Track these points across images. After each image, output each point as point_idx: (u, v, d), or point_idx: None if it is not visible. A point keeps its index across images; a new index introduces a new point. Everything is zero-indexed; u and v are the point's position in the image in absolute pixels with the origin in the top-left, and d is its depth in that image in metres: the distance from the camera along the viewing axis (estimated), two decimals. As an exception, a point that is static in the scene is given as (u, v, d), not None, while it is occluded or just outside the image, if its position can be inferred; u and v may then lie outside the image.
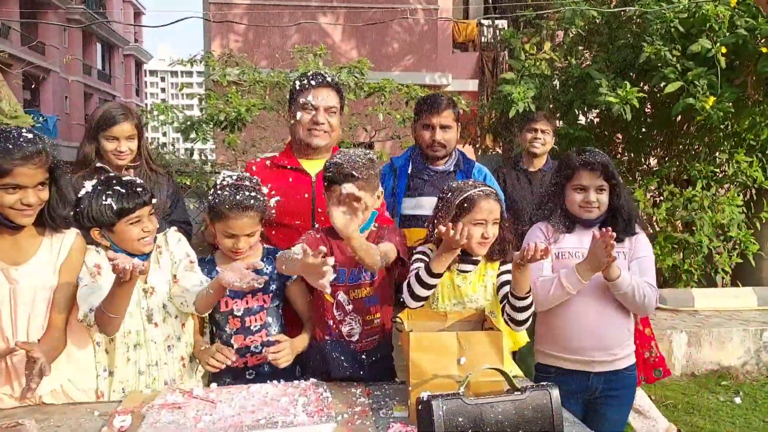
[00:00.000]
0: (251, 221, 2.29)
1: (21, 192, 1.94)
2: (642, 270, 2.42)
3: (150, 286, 2.22)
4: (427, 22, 11.49)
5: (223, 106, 5.84)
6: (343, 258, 2.25)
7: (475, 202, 2.19)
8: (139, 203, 2.13)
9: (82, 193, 2.12)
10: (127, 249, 2.15)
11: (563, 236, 2.44)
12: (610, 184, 2.40)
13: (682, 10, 5.50)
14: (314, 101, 2.58)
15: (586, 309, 2.38)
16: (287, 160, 2.68)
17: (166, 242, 2.30)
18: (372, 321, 2.30)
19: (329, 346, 2.27)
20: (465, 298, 2.26)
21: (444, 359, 1.83)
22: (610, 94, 5.40)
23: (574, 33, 6.44)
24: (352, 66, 6.05)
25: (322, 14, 11.08)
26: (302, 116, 2.61)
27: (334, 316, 2.29)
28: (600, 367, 2.42)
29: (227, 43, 10.54)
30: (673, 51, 5.40)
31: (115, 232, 2.13)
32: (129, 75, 36.69)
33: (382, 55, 11.36)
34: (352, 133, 6.61)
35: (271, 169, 2.66)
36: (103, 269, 2.15)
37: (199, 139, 6.16)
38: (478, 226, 2.20)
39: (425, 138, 2.99)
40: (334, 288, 2.25)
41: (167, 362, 2.24)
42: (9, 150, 1.89)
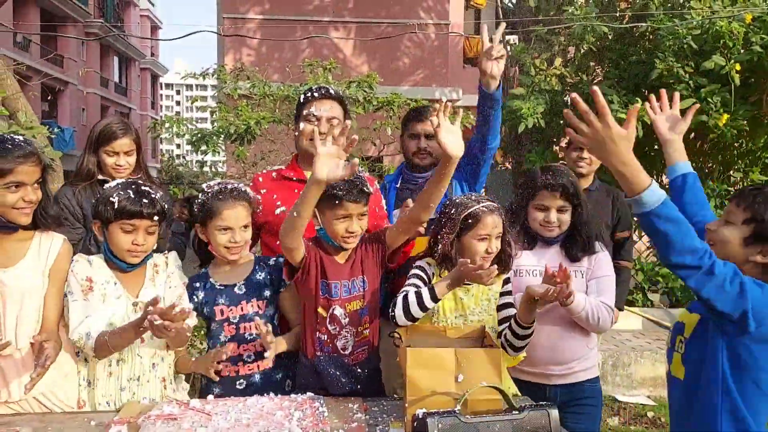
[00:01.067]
0: (244, 210, 2.31)
1: (22, 190, 2.03)
2: (600, 290, 2.42)
3: (140, 301, 2.20)
4: (438, 38, 11.52)
5: (233, 119, 5.87)
6: (338, 271, 2.24)
7: (479, 218, 2.20)
8: (139, 213, 2.11)
9: (107, 186, 2.18)
10: (115, 253, 2.16)
11: (522, 253, 2.47)
12: (572, 204, 2.43)
13: (696, 27, 5.47)
14: (316, 112, 2.60)
15: (542, 324, 2.36)
16: (293, 172, 2.69)
17: (166, 263, 2.31)
18: (362, 332, 2.29)
19: (323, 363, 2.24)
20: (467, 311, 2.25)
21: (441, 376, 1.79)
22: (621, 110, 5.35)
23: (585, 49, 6.41)
24: (361, 80, 6.06)
25: (334, 29, 11.16)
26: (305, 127, 2.62)
27: (329, 331, 2.26)
28: (557, 380, 2.45)
29: (240, 57, 10.63)
30: (686, 68, 5.36)
31: (109, 231, 2.15)
32: (145, 88, 37.11)
33: (393, 70, 11.39)
34: (361, 147, 6.61)
35: (278, 181, 2.68)
36: (95, 284, 2.15)
37: (210, 151, 6.20)
38: (482, 241, 2.21)
39: (411, 147, 2.98)
40: (330, 302, 2.25)
41: (149, 380, 2.23)
42: (9, 150, 2.00)
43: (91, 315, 2.10)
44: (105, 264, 2.21)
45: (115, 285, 2.19)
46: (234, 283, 2.36)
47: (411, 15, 11.14)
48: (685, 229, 1.63)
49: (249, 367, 2.33)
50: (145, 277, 2.25)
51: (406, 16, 11.00)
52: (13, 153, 1.99)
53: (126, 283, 2.21)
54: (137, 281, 2.24)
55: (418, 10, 11.54)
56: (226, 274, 2.38)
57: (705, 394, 1.75)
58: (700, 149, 6.23)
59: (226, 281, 2.37)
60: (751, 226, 1.70)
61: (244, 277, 2.38)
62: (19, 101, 7.26)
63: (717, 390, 1.72)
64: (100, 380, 2.18)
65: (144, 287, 2.23)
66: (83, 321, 2.09)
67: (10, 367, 2.08)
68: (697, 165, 6.43)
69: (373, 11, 11.32)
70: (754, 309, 1.61)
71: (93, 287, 2.14)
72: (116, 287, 2.19)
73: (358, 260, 2.29)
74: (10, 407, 2.12)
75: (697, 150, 6.30)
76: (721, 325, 1.71)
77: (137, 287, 2.23)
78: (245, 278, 2.37)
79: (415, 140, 2.97)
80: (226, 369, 2.31)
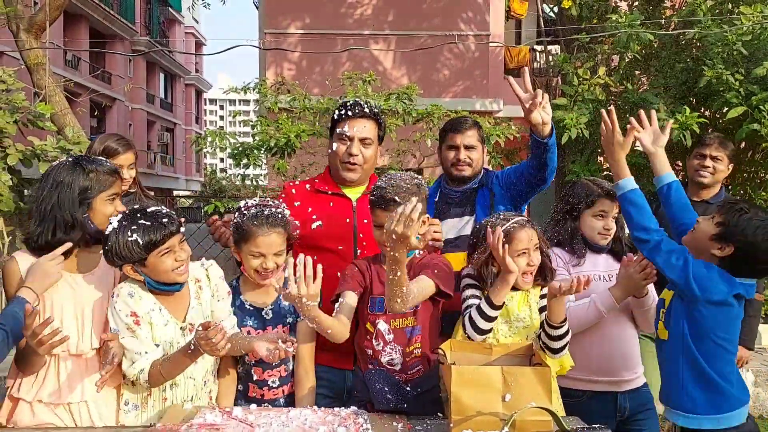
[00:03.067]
0: (279, 238, 2.24)
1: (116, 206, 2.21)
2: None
3: (188, 324, 2.18)
4: (478, 48, 11.45)
5: (273, 132, 5.93)
6: (381, 285, 2.19)
7: (513, 234, 2.20)
8: (167, 234, 2.05)
9: (109, 230, 2.05)
10: (162, 280, 2.10)
11: (582, 260, 2.53)
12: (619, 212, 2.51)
13: (746, 32, 5.29)
14: (349, 132, 2.56)
15: (611, 329, 2.47)
16: (327, 185, 2.67)
17: (207, 277, 2.26)
18: (413, 351, 2.23)
19: (373, 376, 2.19)
20: (512, 316, 2.24)
21: (488, 395, 1.73)
22: (668, 119, 5.20)
23: (630, 57, 6.26)
24: (401, 92, 6.05)
25: (374, 42, 11.20)
26: (338, 147, 2.60)
27: (373, 346, 2.23)
28: (626, 386, 2.49)
29: (281, 71, 10.76)
30: (736, 75, 5.18)
31: (147, 265, 2.07)
32: (189, 103, 37.98)
33: (433, 82, 11.36)
34: (401, 159, 6.59)
35: (312, 194, 2.65)
36: (140, 318, 2.10)
37: (251, 164, 6.27)
38: (522, 257, 2.21)
39: (450, 158, 2.89)
40: (374, 317, 2.21)
41: (201, 397, 2.22)
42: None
43: (145, 352, 2.08)
44: (146, 292, 2.15)
45: (160, 311, 2.15)
46: (262, 307, 2.34)
47: (451, 26, 11.11)
48: (644, 212, 2.25)
49: (274, 392, 2.31)
50: (189, 296, 2.21)
51: (446, 27, 10.97)
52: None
53: (170, 306, 2.17)
54: (182, 303, 2.19)
55: (458, 21, 11.49)
56: (256, 293, 2.36)
57: (672, 350, 2.20)
58: (752, 159, 6.01)
59: (255, 301, 2.35)
60: (719, 228, 2.14)
61: (273, 300, 2.35)
62: (67, 117, 7.52)
63: (680, 346, 2.16)
64: (155, 404, 2.16)
65: (191, 307, 2.19)
66: (139, 359, 2.07)
67: (77, 368, 2.11)
68: (749, 175, 6.21)
69: (413, 23, 11.34)
70: (696, 278, 2.10)
71: (139, 321, 2.10)
72: (162, 313, 2.15)
73: (411, 276, 2.19)
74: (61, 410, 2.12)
75: (749, 159, 6.08)
76: (680, 293, 2.17)
77: (183, 309, 2.19)
78: (273, 302, 2.34)
79: (453, 151, 2.88)
80: (252, 389, 2.29)
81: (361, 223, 2.54)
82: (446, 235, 2.81)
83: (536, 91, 2.50)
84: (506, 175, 2.89)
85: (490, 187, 2.86)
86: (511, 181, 2.84)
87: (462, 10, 11.51)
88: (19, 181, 5.64)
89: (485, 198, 2.84)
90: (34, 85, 7.59)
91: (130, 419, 2.16)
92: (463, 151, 2.85)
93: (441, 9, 11.42)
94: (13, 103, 5.51)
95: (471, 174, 2.86)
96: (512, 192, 2.83)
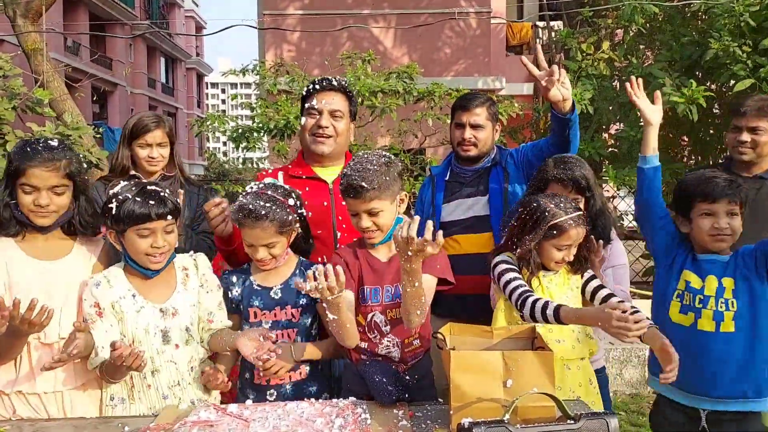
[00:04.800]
0: (264, 233, 2.16)
1: (35, 193, 2.07)
2: (616, 278, 2.50)
3: (172, 306, 2.13)
4: (480, 26, 11.28)
5: (273, 115, 5.85)
6: (378, 275, 2.11)
7: (565, 231, 2.14)
8: (148, 214, 2.00)
9: (111, 191, 2.07)
10: (136, 260, 2.08)
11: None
12: (585, 196, 2.40)
13: (753, 3, 5.15)
14: (317, 105, 2.51)
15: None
16: (301, 169, 2.61)
17: (195, 266, 2.22)
18: (412, 342, 2.14)
19: (369, 369, 2.08)
20: (555, 298, 2.16)
21: (488, 381, 1.68)
22: (674, 93, 5.08)
23: (635, 31, 6.13)
24: (401, 71, 5.95)
25: (374, 21, 11.04)
26: (306, 121, 2.54)
27: (369, 338, 2.13)
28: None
29: (281, 53, 10.63)
30: (744, 47, 5.05)
31: (125, 239, 2.05)
32: (191, 88, 37.79)
33: (434, 61, 11.21)
34: (402, 139, 6.50)
35: (287, 180, 2.54)
36: (104, 310, 2.07)
37: (251, 147, 6.20)
38: (561, 251, 2.17)
39: (456, 137, 2.81)
40: (367, 309, 2.12)
41: (190, 382, 2.16)
42: (26, 153, 2.07)
43: (102, 347, 2.04)
44: (123, 275, 2.13)
45: (133, 298, 2.10)
46: (271, 286, 2.27)
47: (452, 4, 10.93)
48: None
49: (280, 377, 2.22)
50: (176, 281, 2.17)
51: (447, 5, 10.79)
52: (28, 156, 2.04)
53: (149, 291, 2.12)
54: (166, 287, 2.16)
55: (458, -1, 11.33)
56: (267, 273, 2.29)
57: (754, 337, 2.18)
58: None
59: (264, 282, 2.29)
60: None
61: (283, 281, 2.28)
62: (66, 103, 7.46)
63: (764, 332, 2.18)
64: (141, 394, 2.11)
65: (176, 291, 2.15)
66: (99, 353, 2.04)
67: (47, 357, 2.04)
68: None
69: (413, 2, 11.17)
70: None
71: (102, 312, 2.07)
72: (135, 300, 2.10)
73: None
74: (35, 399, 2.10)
75: (757, 133, 5.96)
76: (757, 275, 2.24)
77: (166, 293, 2.15)
78: (283, 282, 2.28)
79: (460, 130, 2.79)
80: (258, 377, 2.23)
81: (339, 206, 2.45)
82: (458, 215, 2.76)
83: (551, 67, 2.40)
84: (522, 153, 2.80)
85: (504, 165, 2.78)
86: (528, 160, 2.75)
87: (463, -14, 11.32)
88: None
89: (499, 177, 2.76)
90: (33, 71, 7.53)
91: (118, 413, 2.11)
92: (468, 130, 2.76)
93: (441, -14, 11.24)
94: (11, 89, 5.46)
95: (477, 154, 2.77)
96: (529, 171, 2.70)
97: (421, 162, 6.46)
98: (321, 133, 2.51)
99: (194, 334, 2.17)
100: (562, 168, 2.40)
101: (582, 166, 2.42)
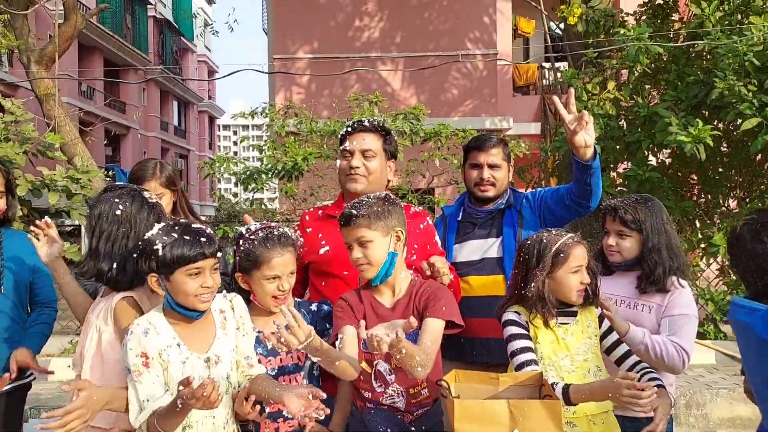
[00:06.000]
0: (292, 257, 2.16)
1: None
2: (673, 329, 2.30)
3: (215, 354, 2.01)
4: (486, 67, 11.42)
5: (280, 156, 5.90)
6: (379, 321, 2.02)
7: (569, 251, 2.11)
8: (202, 254, 1.92)
9: (148, 234, 1.96)
10: (182, 303, 1.95)
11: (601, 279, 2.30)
12: (635, 230, 2.37)
13: (756, 43, 5.19)
14: (350, 147, 2.51)
15: None
16: (337, 210, 2.58)
17: (232, 308, 2.11)
18: (419, 393, 2.05)
19: (374, 417, 2.00)
20: (572, 350, 2.11)
21: (494, 431, 1.62)
22: (681, 132, 5.09)
23: (640, 71, 6.18)
24: (408, 112, 6.00)
25: (382, 63, 11.21)
26: (341, 163, 2.55)
27: (373, 388, 2.05)
28: None
29: (290, 95, 10.79)
30: (749, 86, 5.07)
31: (171, 281, 1.93)
32: (203, 130, 38.35)
33: (442, 101, 11.33)
34: (410, 179, 6.52)
35: (323, 220, 2.57)
36: (151, 360, 1.92)
37: (258, 188, 6.24)
38: (576, 274, 2.11)
39: (473, 177, 2.75)
40: (371, 355, 2.03)
41: None
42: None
43: (146, 400, 1.89)
44: (166, 321, 2.00)
45: (179, 347, 1.97)
46: (273, 331, 2.23)
47: (459, 46, 11.10)
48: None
49: (290, 423, 2.14)
50: (215, 326, 2.05)
51: (454, 47, 10.96)
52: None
53: (192, 338, 2.00)
54: (206, 335, 2.03)
55: (465, 41, 11.50)
56: (265, 319, 2.22)
57: None
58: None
59: (264, 328, 2.18)
60: None
61: (284, 325, 2.24)
62: (77, 147, 7.56)
63: None
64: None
65: (216, 338, 2.03)
66: (145, 407, 1.88)
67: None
68: (766, 186, 6.06)
69: (420, 44, 11.35)
70: None
71: (149, 363, 1.92)
72: (180, 349, 1.97)
73: (410, 307, 2.04)
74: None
75: (766, 171, 5.94)
76: None
77: (207, 341, 2.03)
78: (285, 326, 2.23)
79: (477, 170, 2.74)
80: (265, 425, 2.14)
81: None
82: (470, 257, 2.72)
83: (581, 112, 2.37)
84: (540, 198, 2.75)
85: (518, 208, 2.74)
86: (547, 206, 2.70)
87: (469, 30, 11.51)
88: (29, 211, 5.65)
89: (513, 220, 2.71)
90: (45, 116, 7.66)
91: None
92: (486, 170, 2.72)
93: (448, 30, 11.44)
94: (23, 134, 5.55)
95: (495, 194, 2.74)
96: (547, 216, 2.68)
97: (429, 201, 6.46)
98: (353, 173, 2.51)
99: (233, 382, 2.04)
100: (614, 200, 2.45)
101: (637, 202, 2.42)
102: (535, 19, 11.79)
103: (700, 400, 4.76)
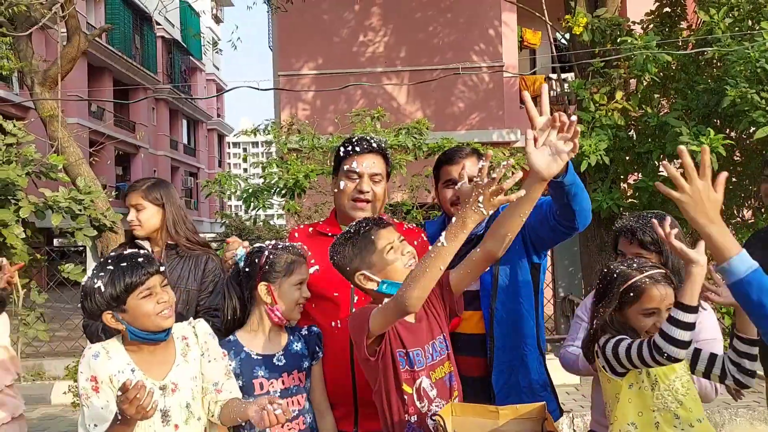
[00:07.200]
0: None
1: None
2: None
3: (171, 382, 1.96)
4: (492, 80, 11.31)
5: (282, 173, 5.81)
6: (415, 336, 1.92)
7: (643, 291, 1.92)
8: (146, 273, 1.90)
9: (84, 280, 1.93)
10: (147, 326, 1.92)
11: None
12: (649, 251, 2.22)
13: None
14: (358, 168, 2.34)
15: None
16: (329, 227, 2.45)
17: (195, 334, 2.07)
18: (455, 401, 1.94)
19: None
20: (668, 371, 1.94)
21: (493, 471, 1.48)
22: (692, 142, 4.94)
23: (648, 80, 6.04)
24: (411, 126, 5.89)
25: (387, 78, 11.14)
26: (346, 185, 2.37)
27: (418, 410, 1.89)
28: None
29: (296, 111, 10.74)
30: (762, 93, 4.92)
31: (127, 310, 1.89)
32: (212, 148, 38.54)
33: (448, 115, 11.22)
34: (415, 195, 6.40)
35: (314, 237, 2.44)
36: (101, 384, 1.90)
37: (260, 206, 6.15)
38: (650, 317, 1.92)
39: (448, 197, 2.41)
40: (414, 374, 1.90)
41: None
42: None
43: (95, 425, 1.86)
44: (122, 348, 1.97)
45: (132, 373, 1.93)
46: (273, 353, 2.15)
47: (464, 59, 11.02)
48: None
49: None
50: (175, 353, 2.01)
51: (459, 60, 10.87)
52: None
53: (149, 365, 1.96)
54: (165, 361, 1.99)
55: (470, 54, 11.40)
56: (263, 343, 2.17)
57: None
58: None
59: (264, 351, 2.16)
60: None
61: (283, 347, 2.18)
62: (81, 167, 7.54)
63: None
64: None
65: (176, 365, 1.99)
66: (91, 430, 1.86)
67: None
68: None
69: (425, 58, 11.28)
70: None
71: (98, 387, 1.90)
72: (133, 375, 1.92)
73: (431, 316, 1.98)
74: None
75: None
76: None
77: (165, 368, 1.98)
78: (284, 348, 2.17)
79: (452, 188, 2.40)
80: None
81: None
82: None
83: (554, 114, 1.87)
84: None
85: None
86: (531, 226, 2.25)
87: (474, 42, 11.43)
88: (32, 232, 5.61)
89: None
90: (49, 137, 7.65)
91: None
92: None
93: (453, 43, 11.36)
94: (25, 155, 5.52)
95: None
96: (532, 237, 2.35)
97: (434, 217, 6.34)
98: (361, 198, 2.35)
99: (194, 411, 1.99)
100: (629, 219, 2.31)
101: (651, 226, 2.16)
102: (540, 30, 11.70)
103: (718, 420, 4.58)
